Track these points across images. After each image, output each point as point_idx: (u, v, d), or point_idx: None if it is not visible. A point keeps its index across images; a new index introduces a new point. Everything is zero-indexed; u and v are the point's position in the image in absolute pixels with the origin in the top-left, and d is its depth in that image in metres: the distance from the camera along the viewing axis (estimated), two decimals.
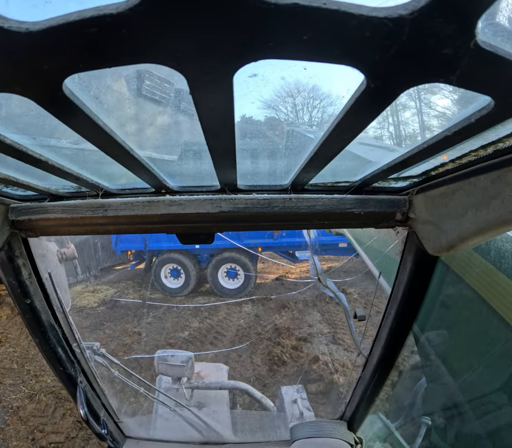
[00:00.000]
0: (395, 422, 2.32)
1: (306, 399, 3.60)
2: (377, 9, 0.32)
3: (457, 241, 1.01)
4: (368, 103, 0.53)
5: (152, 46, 0.36)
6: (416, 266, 1.39)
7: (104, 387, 2.26)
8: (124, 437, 2.56)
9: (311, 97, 1.85)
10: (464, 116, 0.60)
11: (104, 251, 12.57)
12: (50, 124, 0.79)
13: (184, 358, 3.29)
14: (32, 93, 0.45)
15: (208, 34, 0.34)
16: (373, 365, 1.89)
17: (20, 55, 0.36)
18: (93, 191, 1.21)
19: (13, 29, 0.31)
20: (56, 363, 1.83)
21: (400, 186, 1.24)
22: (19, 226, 1.29)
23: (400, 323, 1.61)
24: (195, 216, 1.21)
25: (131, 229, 1.31)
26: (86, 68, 0.39)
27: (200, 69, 0.41)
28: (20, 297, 1.51)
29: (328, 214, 1.24)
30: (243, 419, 3.52)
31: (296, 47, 0.37)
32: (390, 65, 0.41)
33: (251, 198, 1.19)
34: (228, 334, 8.38)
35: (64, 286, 2.03)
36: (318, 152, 0.81)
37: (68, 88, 0.46)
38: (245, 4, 0.30)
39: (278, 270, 12.74)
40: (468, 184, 0.90)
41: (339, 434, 2.30)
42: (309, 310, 9.44)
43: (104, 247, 12.50)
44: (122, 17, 0.31)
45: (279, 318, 8.95)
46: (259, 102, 1.13)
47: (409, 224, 1.28)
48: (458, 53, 0.37)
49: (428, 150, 0.78)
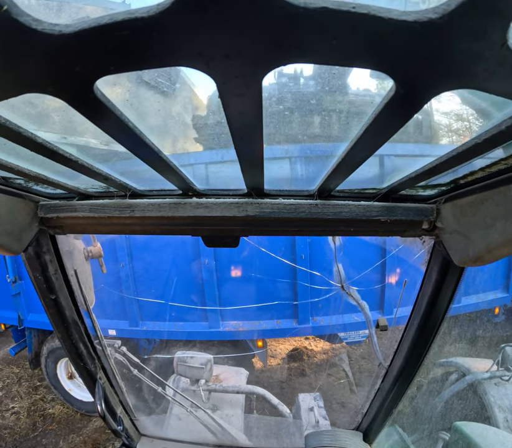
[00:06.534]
0: (412, 435, 2.28)
1: (322, 407, 3.56)
2: (406, 12, 0.31)
3: (484, 252, 0.98)
4: (397, 109, 0.52)
5: (182, 50, 0.36)
6: (441, 276, 1.36)
7: (123, 384, 2.29)
8: (139, 434, 2.59)
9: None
10: (495, 123, 0.59)
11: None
12: (81, 124, 0.81)
13: (203, 360, 3.31)
14: (64, 93, 0.46)
15: (238, 38, 0.34)
16: (393, 376, 1.86)
17: (52, 57, 0.36)
18: (121, 192, 1.23)
19: (46, 31, 0.32)
20: (77, 358, 1.86)
21: (428, 194, 1.21)
22: (48, 223, 1.32)
23: (423, 334, 1.58)
24: (221, 219, 1.21)
25: (157, 230, 1.32)
26: (117, 70, 0.40)
27: (229, 72, 0.41)
28: (45, 292, 1.55)
29: (354, 222, 1.22)
30: (258, 424, 3.51)
31: (325, 51, 0.37)
32: (420, 70, 0.40)
33: (278, 203, 1.18)
34: None
35: (89, 283, 2.07)
36: (346, 158, 0.80)
37: (99, 89, 0.46)
38: (273, 7, 0.30)
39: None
40: (498, 193, 0.88)
41: (354, 445, 2.26)
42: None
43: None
44: (153, 20, 0.31)
45: None
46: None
47: (436, 233, 1.25)
48: (488, 57, 0.36)
49: (458, 157, 0.76)
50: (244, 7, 0.30)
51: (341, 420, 5.45)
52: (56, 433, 5.72)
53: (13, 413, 6.15)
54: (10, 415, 6.09)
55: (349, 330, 5.39)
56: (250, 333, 5.29)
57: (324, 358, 7.43)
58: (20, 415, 6.07)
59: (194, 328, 5.23)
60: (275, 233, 1.34)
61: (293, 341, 8.02)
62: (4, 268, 5.57)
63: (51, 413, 6.13)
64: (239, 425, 3.30)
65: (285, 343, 8.02)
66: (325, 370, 7.05)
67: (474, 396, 3.52)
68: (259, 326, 5.20)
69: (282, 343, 8.02)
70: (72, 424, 5.92)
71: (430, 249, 1.38)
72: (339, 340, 5.58)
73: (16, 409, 6.22)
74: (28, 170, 0.93)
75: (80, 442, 5.46)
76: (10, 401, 6.42)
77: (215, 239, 1.39)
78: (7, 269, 5.56)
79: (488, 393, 3.44)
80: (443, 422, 3.05)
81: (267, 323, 5.21)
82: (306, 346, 7.79)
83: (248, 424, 3.39)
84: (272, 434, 3.39)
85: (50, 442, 5.53)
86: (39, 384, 6.82)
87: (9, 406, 6.31)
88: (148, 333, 5.38)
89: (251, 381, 5.25)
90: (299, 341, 7.98)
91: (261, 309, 5.17)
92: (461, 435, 2.47)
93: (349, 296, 2.66)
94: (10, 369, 7.38)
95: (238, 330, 5.21)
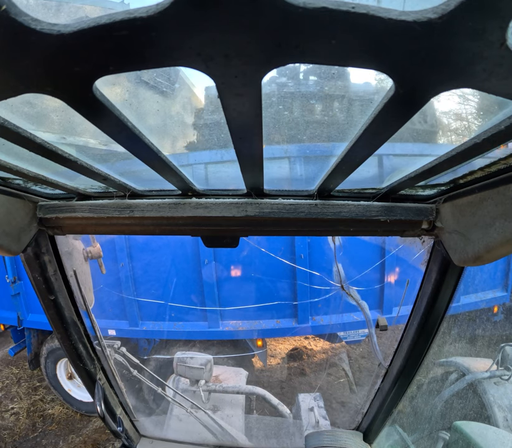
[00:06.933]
0: (412, 435, 2.28)
1: (322, 407, 3.56)
2: (405, 12, 0.31)
3: (484, 252, 0.98)
4: (397, 109, 0.52)
5: (181, 50, 0.36)
6: (441, 276, 1.37)
7: (122, 385, 2.29)
8: (139, 435, 2.58)
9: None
10: (494, 122, 0.59)
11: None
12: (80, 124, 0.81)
13: (203, 360, 3.31)
14: (63, 93, 0.46)
15: (237, 38, 0.34)
16: (392, 376, 1.86)
17: (51, 57, 0.36)
18: (120, 192, 1.23)
19: (45, 31, 0.32)
20: (76, 359, 1.86)
21: (427, 194, 1.21)
22: (47, 223, 1.32)
23: (423, 334, 1.58)
24: (221, 219, 1.21)
25: (157, 230, 1.32)
26: (116, 70, 0.40)
27: (228, 72, 0.40)
28: (44, 293, 1.55)
29: (354, 222, 1.22)
30: (258, 425, 3.51)
31: (325, 51, 0.37)
32: (419, 69, 0.40)
33: (277, 203, 1.18)
34: None
35: (88, 284, 2.07)
36: (345, 158, 0.80)
37: (98, 89, 0.46)
38: (273, 7, 0.30)
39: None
40: (497, 193, 0.88)
41: (354, 445, 2.26)
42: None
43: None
44: (152, 20, 0.31)
45: None
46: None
47: (435, 233, 1.25)
48: (487, 57, 0.36)
49: (457, 157, 0.76)
50: (243, 7, 0.30)
51: (340, 419, 5.45)
52: (56, 433, 5.72)
53: (12, 414, 6.14)
54: (9, 416, 6.09)
55: (348, 329, 5.41)
56: (250, 333, 5.30)
57: (324, 357, 7.44)
58: (19, 416, 6.07)
59: (194, 327, 5.24)
60: (275, 233, 1.34)
61: (293, 340, 8.04)
62: (3, 268, 5.56)
63: (51, 414, 6.13)
64: (239, 426, 3.30)
65: (285, 343, 7.98)
66: (325, 369, 7.06)
67: (474, 396, 3.53)
68: (258, 325, 5.20)
69: (282, 342, 7.97)
70: (72, 424, 5.92)
71: (430, 248, 1.38)
72: (339, 339, 5.60)
73: (15, 409, 6.21)
74: (27, 171, 0.93)
75: (79, 443, 5.46)
76: (9, 402, 6.42)
77: (214, 240, 1.39)
78: (7, 270, 5.55)
79: (487, 392, 3.44)
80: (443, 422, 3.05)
81: (267, 323, 5.22)
82: (305, 345, 7.80)
83: (248, 425, 3.39)
84: (272, 434, 3.39)
85: (49, 443, 5.52)
86: (38, 385, 6.79)
87: (8, 406, 6.32)
88: (148, 333, 5.38)
89: (251, 381, 5.30)
90: (299, 341, 7.98)
91: (261, 309, 5.18)
92: (461, 434, 2.47)
93: (349, 296, 2.66)
94: (9, 370, 7.34)
95: (238, 329, 5.22)
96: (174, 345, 5.51)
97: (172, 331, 5.28)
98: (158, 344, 5.67)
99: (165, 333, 5.32)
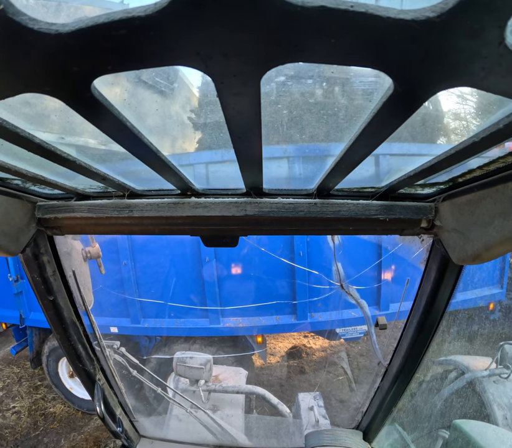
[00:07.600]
0: (412, 433, 2.28)
1: (322, 406, 3.56)
2: (404, 11, 0.31)
3: (483, 251, 0.98)
4: (396, 107, 0.52)
5: (180, 49, 0.36)
6: (440, 275, 1.37)
7: (122, 385, 2.29)
8: (139, 436, 2.58)
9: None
10: (493, 121, 0.59)
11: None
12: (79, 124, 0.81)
13: (203, 360, 3.31)
14: (61, 93, 0.45)
15: (236, 37, 0.34)
16: (392, 375, 1.86)
17: (49, 56, 0.36)
18: (120, 192, 1.22)
19: (43, 31, 0.32)
20: (76, 360, 1.85)
21: (426, 192, 1.21)
22: (45, 224, 1.31)
23: (422, 332, 1.58)
24: (220, 218, 1.21)
25: (156, 230, 1.32)
26: (114, 69, 0.40)
27: (227, 72, 0.40)
28: (43, 293, 1.54)
29: (353, 220, 1.22)
30: (258, 424, 3.51)
31: (323, 50, 0.36)
32: (418, 68, 0.40)
33: (277, 202, 1.18)
34: None
35: (87, 284, 2.06)
36: (344, 157, 0.80)
37: (96, 89, 0.46)
38: (272, 6, 0.30)
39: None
40: (496, 192, 0.88)
41: (354, 444, 2.27)
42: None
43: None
44: (150, 19, 0.31)
45: None
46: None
47: (434, 232, 1.25)
48: (486, 55, 0.36)
49: (456, 156, 0.76)
50: (242, 6, 0.30)
51: (339, 417, 5.45)
52: (57, 432, 5.73)
53: (14, 413, 6.15)
54: (11, 415, 6.10)
55: (347, 326, 5.46)
56: (250, 329, 5.35)
57: (323, 355, 7.46)
58: (21, 415, 6.08)
59: (195, 324, 5.28)
60: (274, 232, 1.34)
61: (292, 339, 8.06)
62: (6, 267, 5.57)
63: (52, 412, 6.14)
64: (239, 426, 3.30)
65: (284, 341, 7.98)
66: (324, 367, 7.07)
67: (473, 394, 3.53)
68: (258, 322, 5.25)
69: (281, 341, 7.97)
70: (73, 422, 5.93)
71: (429, 247, 1.38)
72: (338, 336, 5.64)
73: (17, 408, 6.23)
74: (26, 171, 0.92)
75: (81, 440, 5.47)
76: (11, 401, 6.42)
77: (214, 239, 1.39)
78: (9, 268, 5.57)
79: (487, 391, 3.44)
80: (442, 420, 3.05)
81: (266, 320, 5.27)
82: (304, 344, 7.82)
83: (248, 424, 3.39)
84: (272, 434, 3.39)
85: (51, 441, 5.54)
86: (40, 384, 6.80)
87: (9, 405, 6.33)
88: (149, 330, 5.43)
89: (251, 379, 5.36)
90: (298, 339, 8.00)
91: (261, 306, 5.22)
92: (460, 433, 2.48)
93: (349, 295, 2.67)
94: (10, 369, 7.34)
95: (238, 326, 5.27)
96: (175, 343, 5.53)
97: (173, 328, 5.33)
98: (159, 342, 5.71)
99: (167, 330, 5.37)
